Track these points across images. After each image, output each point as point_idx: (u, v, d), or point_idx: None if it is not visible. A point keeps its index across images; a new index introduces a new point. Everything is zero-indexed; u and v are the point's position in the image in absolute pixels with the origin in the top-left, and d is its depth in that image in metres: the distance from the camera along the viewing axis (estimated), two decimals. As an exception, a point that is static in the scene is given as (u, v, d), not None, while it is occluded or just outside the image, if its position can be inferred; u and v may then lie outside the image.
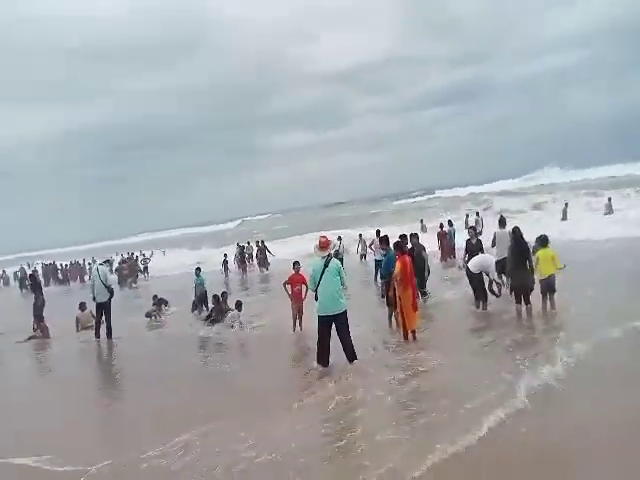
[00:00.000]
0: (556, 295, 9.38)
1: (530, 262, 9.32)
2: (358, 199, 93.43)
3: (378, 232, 17.70)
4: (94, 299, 12.80)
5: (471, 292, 10.58)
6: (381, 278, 10.24)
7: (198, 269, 15.25)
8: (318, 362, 7.94)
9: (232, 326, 11.92)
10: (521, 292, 9.37)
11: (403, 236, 11.02)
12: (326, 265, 7.81)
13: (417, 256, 11.38)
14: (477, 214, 23.65)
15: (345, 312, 7.85)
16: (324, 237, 8.16)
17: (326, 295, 7.74)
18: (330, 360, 7.88)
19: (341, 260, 18.59)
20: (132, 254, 32.04)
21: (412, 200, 63.00)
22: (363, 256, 21.74)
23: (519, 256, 9.38)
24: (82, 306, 14.37)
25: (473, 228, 12.88)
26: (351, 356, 7.83)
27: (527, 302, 9.39)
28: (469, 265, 10.46)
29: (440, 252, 18.85)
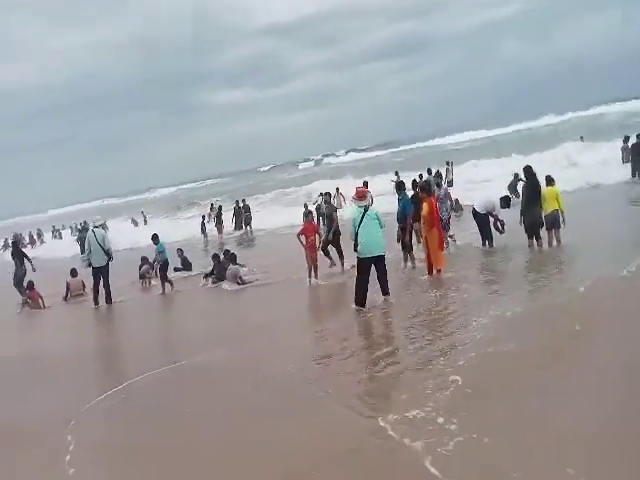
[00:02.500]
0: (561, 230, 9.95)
1: (540, 200, 9.83)
2: (303, 157, 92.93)
3: (365, 183, 17.97)
4: (89, 265, 12.40)
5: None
6: (398, 222, 10.43)
7: (155, 236, 13.32)
8: (357, 304, 8.14)
9: (238, 282, 11.93)
10: (533, 228, 9.89)
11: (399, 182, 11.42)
12: (365, 210, 8.05)
13: (328, 216, 11.73)
14: (447, 163, 24.29)
15: (384, 254, 8.17)
16: (361, 187, 8.54)
17: (369, 238, 7.98)
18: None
19: (324, 215, 18.82)
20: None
21: (372, 154, 63.06)
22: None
23: (532, 194, 9.86)
24: (73, 272, 13.91)
25: (438, 175, 13.38)
26: (385, 290, 8.20)
27: (538, 237, 9.94)
28: (475, 205, 10.87)
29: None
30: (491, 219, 10.82)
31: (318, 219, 19.15)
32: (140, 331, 9.77)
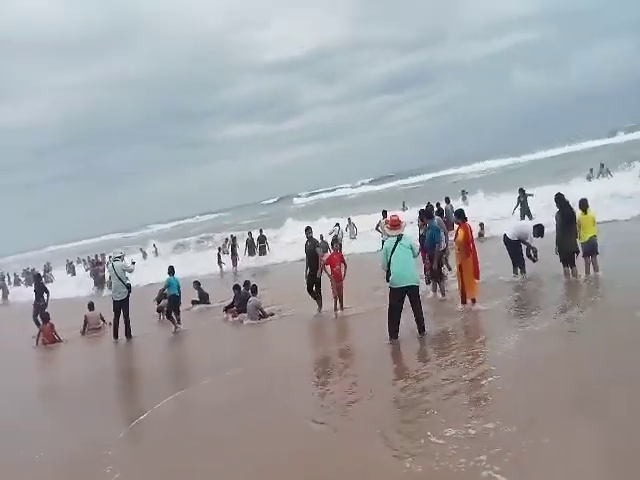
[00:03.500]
0: (598, 257, 9.58)
1: (575, 228, 9.50)
2: (312, 189, 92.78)
3: (385, 213, 17.72)
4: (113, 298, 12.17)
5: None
6: (426, 251, 10.12)
7: (171, 268, 12.81)
8: (391, 336, 7.83)
9: (260, 315, 11.56)
10: (569, 257, 9.53)
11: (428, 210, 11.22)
12: (399, 239, 7.82)
13: (309, 253, 11.11)
14: (462, 192, 24.24)
15: (419, 285, 7.90)
16: (395, 216, 8.35)
17: (402, 267, 7.72)
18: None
19: (340, 246, 18.57)
20: (101, 255, 30.73)
21: (380, 187, 62.98)
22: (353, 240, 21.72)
23: (566, 222, 9.54)
24: (91, 306, 13.70)
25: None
26: (422, 327, 7.88)
27: (572, 265, 9.57)
28: (507, 232, 10.56)
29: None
30: (524, 247, 10.47)
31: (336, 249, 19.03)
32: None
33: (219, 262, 22.96)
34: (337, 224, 21.45)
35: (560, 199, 9.84)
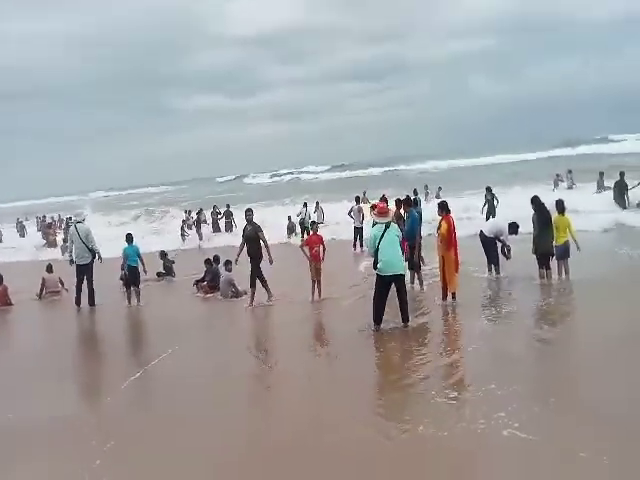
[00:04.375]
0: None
1: (552, 230, 9.78)
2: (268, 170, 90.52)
3: (357, 198, 17.73)
4: (72, 262, 11.57)
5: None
6: (406, 240, 10.12)
7: (129, 236, 11.68)
8: (376, 323, 7.86)
9: (232, 291, 11.31)
10: (544, 259, 9.80)
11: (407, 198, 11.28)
12: (387, 227, 7.78)
13: (250, 239, 10.22)
14: (425, 187, 24.61)
15: (404, 274, 7.97)
16: (382, 204, 8.31)
17: (390, 255, 7.69)
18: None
19: (307, 229, 18.34)
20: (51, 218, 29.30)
21: (342, 174, 62.58)
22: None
23: (543, 223, 9.80)
24: (49, 268, 13.03)
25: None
26: (406, 317, 7.92)
27: (548, 267, 9.84)
28: (483, 229, 10.76)
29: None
30: (499, 244, 10.71)
31: (302, 231, 18.70)
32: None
33: (182, 234, 22.29)
34: (305, 204, 20.94)
35: (535, 201, 10.04)
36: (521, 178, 30.10)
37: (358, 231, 16.33)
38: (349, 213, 16.87)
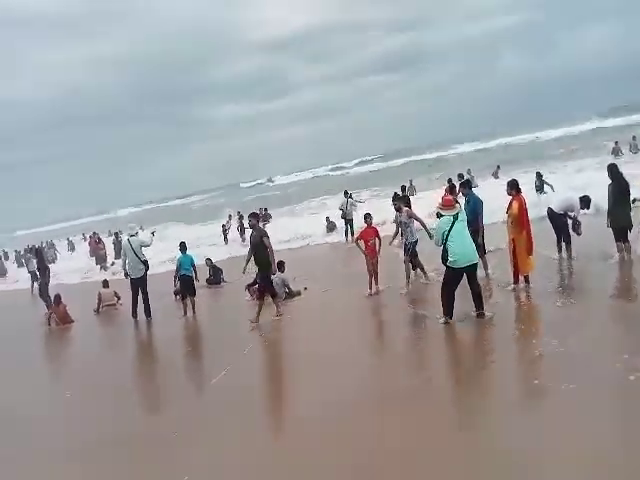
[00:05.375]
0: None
1: (629, 200, 9.01)
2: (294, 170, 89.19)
3: (403, 188, 17.18)
4: (126, 275, 11.55)
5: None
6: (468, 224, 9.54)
7: (183, 245, 11.55)
8: (446, 314, 7.39)
9: (286, 292, 10.97)
10: (621, 230, 9.03)
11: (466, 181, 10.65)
12: (455, 218, 7.29)
13: (256, 245, 9.27)
14: (468, 171, 23.64)
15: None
16: (448, 196, 7.87)
17: (463, 246, 7.24)
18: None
19: (351, 221, 17.74)
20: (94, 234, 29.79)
21: (387, 163, 61.60)
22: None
23: (619, 194, 9.04)
24: (105, 283, 13.27)
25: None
26: (481, 305, 7.40)
27: (625, 240, 9.06)
28: (552, 206, 10.03)
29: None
30: (569, 221, 9.95)
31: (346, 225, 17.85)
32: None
33: (225, 238, 22.27)
34: (346, 192, 19.38)
35: (613, 169, 9.29)
36: (571, 154, 28.80)
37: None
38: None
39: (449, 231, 7.23)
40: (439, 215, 7.54)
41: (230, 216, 25.65)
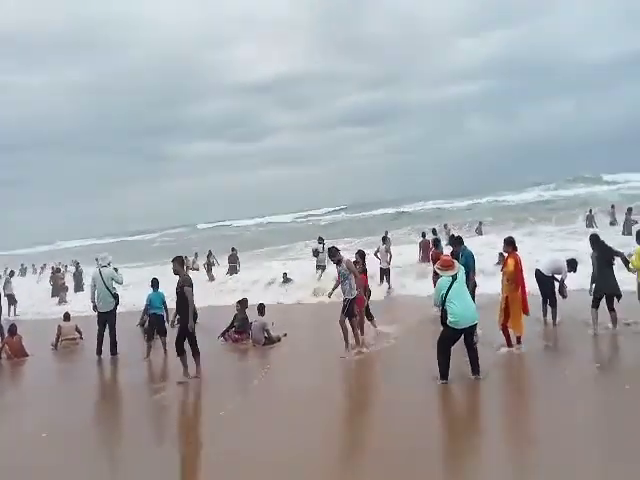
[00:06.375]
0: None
1: (611, 266, 9.02)
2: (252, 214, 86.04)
3: (384, 238, 17.10)
4: (94, 308, 10.82)
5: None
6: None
7: (155, 281, 10.97)
8: (443, 378, 7.09)
9: (265, 337, 10.44)
10: (609, 299, 8.94)
11: (458, 237, 10.58)
12: (454, 279, 7.07)
13: (177, 294, 8.48)
14: (445, 226, 24.01)
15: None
16: (446, 257, 7.69)
17: (463, 307, 6.99)
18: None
19: (323, 268, 17.26)
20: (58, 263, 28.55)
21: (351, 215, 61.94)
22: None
23: (602, 259, 9.07)
24: (66, 316, 12.34)
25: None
26: (477, 368, 7.17)
27: (611, 309, 9.00)
28: (540, 267, 10.02)
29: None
30: (556, 284, 9.97)
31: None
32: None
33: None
34: (320, 238, 18.93)
35: (594, 240, 9.31)
36: (534, 221, 29.56)
37: (385, 272, 15.60)
38: (375, 253, 15.93)
39: (447, 292, 7.02)
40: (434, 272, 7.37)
41: (196, 254, 24.87)
